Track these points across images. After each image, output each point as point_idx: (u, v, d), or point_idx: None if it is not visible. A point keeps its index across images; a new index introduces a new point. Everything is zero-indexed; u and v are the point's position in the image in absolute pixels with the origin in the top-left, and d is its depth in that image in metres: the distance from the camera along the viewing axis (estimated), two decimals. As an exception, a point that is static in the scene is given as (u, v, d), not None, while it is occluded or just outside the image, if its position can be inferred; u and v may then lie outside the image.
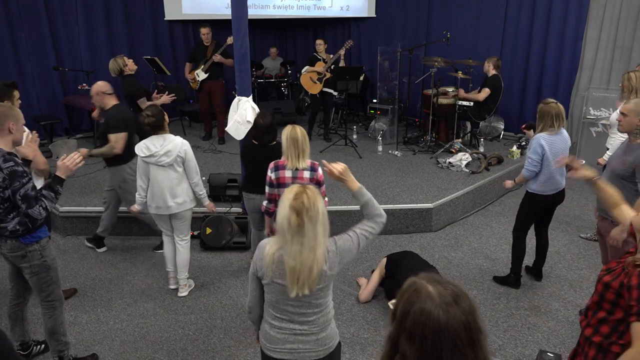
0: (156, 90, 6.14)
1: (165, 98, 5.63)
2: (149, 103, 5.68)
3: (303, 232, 1.95)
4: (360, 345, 3.54)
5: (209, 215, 4.96)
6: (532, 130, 4.19)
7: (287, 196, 1.98)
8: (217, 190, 5.36)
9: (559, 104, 3.84)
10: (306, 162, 3.42)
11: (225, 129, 5.03)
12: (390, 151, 7.14)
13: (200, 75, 7.39)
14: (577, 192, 6.23)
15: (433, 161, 6.66)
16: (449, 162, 6.40)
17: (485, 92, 6.67)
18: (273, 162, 3.51)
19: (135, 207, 4.03)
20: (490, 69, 6.74)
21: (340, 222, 5.15)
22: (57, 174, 2.95)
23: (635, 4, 6.54)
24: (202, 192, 4.03)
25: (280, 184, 3.46)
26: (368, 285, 4.09)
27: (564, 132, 3.90)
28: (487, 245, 4.99)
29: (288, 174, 3.43)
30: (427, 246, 4.97)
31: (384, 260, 4.12)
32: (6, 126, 2.84)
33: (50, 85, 7.60)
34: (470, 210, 5.73)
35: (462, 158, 6.45)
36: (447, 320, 1.25)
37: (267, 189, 3.57)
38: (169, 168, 3.80)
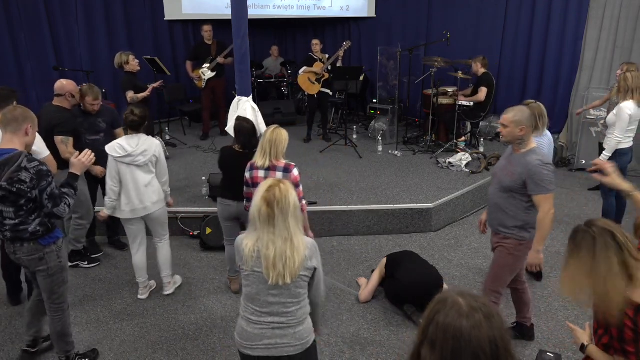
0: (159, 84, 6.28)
1: (149, 89, 5.85)
2: (137, 95, 5.77)
3: (274, 223, 2.06)
4: (360, 345, 3.54)
5: (209, 215, 4.97)
6: None
7: (261, 189, 2.10)
8: (217, 191, 5.35)
9: (539, 103, 3.81)
10: (279, 162, 3.42)
11: (226, 129, 5.04)
12: (390, 151, 7.14)
13: (207, 73, 7.45)
14: (577, 193, 6.23)
15: (433, 161, 6.66)
16: (449, 162, 6.40)
17: (484, 91, 6.68)
18: (249, 162, 3.54)
19: (104, 212, 3.89)
20: (479, 69, 6.76)
21: (340, 222, 5.16)
22: (72, 170, 2.98)
23: (635, 4, 6.54)
24: (168, 190, 4.06)
25: (255, 184, 3.46)
26: (368, 285, 4.09)
27: (548, 133, 3.89)
28: (487, 245, 4.98)
29: (261, 173, 3.44)
30: (427, 246, 4.97)
31: (384, 260, 4.12)
32: (24, 127, 2.84)
33: (50, 85, 7.56)
34: (470, 210, 5.73)
35: (462, 158, 6.45)
36: (471, 330, 1.20)
37: (245, 188, 3.63)
38: (143, 167, 3.78)
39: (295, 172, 3.45)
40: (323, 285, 2.34)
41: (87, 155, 3.01)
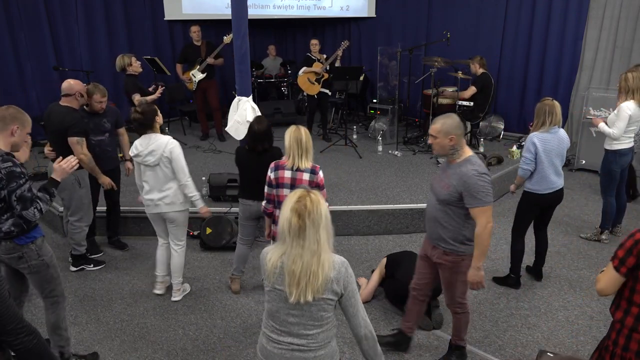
0: (153, 86, 6.20)
1: (156, 94, 5.77)
2: (146, 98, 5.75)
3: (304, 235, 1.92)
4: (360, 345, 3.53)
5: (209, 215, 4.96)
6: None
7: (290, 199, 1.96)
8: (217, 191, 5.36)
9: (554, 100, 3.84)
10: (308, 164, 3.36)
11: (226, 129, 5.04)
12: (390, 151, 7.14)
13: (197, 75, 7.39)
14: (577, 193, 6.23)
15: (433, 161, 6.66)
16: (449, 162, 6.40)
17: (471, 90, 6.71)
18: (274, 162, 3.47)
19: (140, 198, 4.05)
20: (477, 69, 6.79)
21: (340, 222, 5.16)
22: (52, 176, 2.94)
23: (635, 4, 6.54)
24: (193, 194, 3.83)
25: (279, 184, 3.40)
26: (368, 285, 4.08)
27: (561, 131, 3.89)
28: (487, 245, 4.99)
29: (287, 174, 3.36)
30: (427, 246, 4.96)
31: (384, 260, 4.12)
32: (10, 127, 2.82)
33: (50, 85, 7.60)
34: (470, 210, 5.72)
35: (462, 158, 6.44)
36: None
37: (266, 188, 3.51)
38: (156, 167, 3.76)
39: (321, 174, 3.39)
40: (364, 312, 2.09)
41: (70, 162, 2.96)
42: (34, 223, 2.92)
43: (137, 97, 5.69)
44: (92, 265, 4.60)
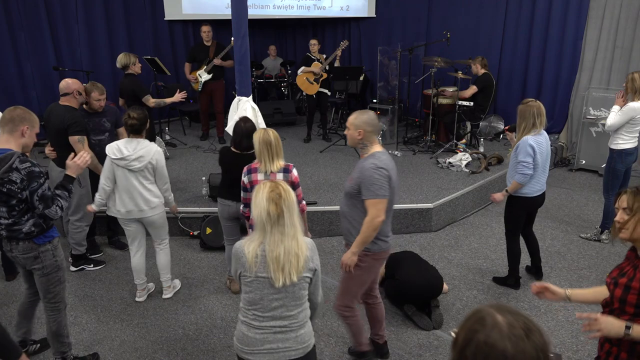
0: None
1: (177, 96, 5.71)
2: (165, 100, 5.72)
3: (283, 221, 2.05)
4: (360, 345, 3.53)
5: (209, 215, 4.97)
6: (514, 133, 4.16)
7: (263, 190, 2.07)
8: (217, 190, 5.35)
9: (539, 102, 3.83)
10: (280, 164, 3.36)
11: (226, 129, 5.04)
12: (390, 151, 7.13)
13: (203, 76, 7.37)
14: (577, 193, 6.23)
15: (433, 161, 6.66)
16: (449, 162, 6.40)
17: (472, 89, 6.70)
18: (246, 166, 3.47)
19: (93, 207, 3.87)
20: (478, 69, 6.78)
21: (340, 222, 5.14)
22: (67, 172, 2.97)
23: (635, 4, 6.54)
24: (171, 196, 3.99)
25: (254, 188, 3.41)
26: (368, 285, 4.08)
27: (544, 132, 3.90)
28: (487, 245, 4.99)
29: (260, 177, 3.37)
30: (427, 246, 4.97)
31: (384, 260, 4.12)
32: (20, 128, 2.81)
33: (50, 85, 7.60)
34: (470, 210, 5.73)
35: (462, 158, 6.45)
36: (515, 353, 1.09)
37: (242, 193, 3.53)
38: (138, 173, 3.72)
39: (295, 172, 3.42)
40: (320, 285, 2.33)
41: (83, 158, 2.99)
42: (51, 222, 2.94)
43: (151, 100, 5.61)
44: (92, 265, 4.60)
